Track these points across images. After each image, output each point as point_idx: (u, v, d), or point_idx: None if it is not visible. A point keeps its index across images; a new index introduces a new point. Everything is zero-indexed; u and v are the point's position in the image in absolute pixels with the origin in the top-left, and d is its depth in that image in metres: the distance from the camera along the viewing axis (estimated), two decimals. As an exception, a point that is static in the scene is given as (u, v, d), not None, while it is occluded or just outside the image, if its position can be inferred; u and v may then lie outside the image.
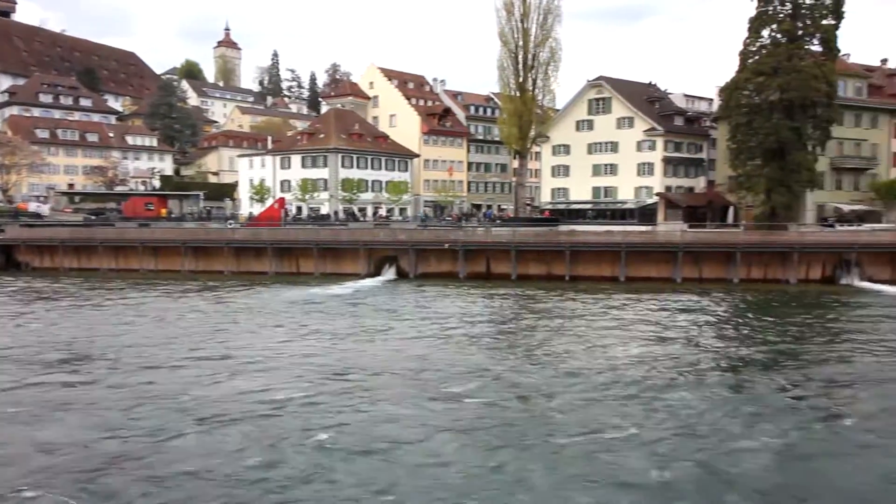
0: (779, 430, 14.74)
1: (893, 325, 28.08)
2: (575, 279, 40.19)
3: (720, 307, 32.70)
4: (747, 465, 12.84)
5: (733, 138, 53.53)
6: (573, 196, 70.22)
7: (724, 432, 14.60)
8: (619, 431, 14.52)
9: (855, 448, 13.87)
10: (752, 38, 52.78)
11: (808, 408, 16.56)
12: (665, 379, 18.92)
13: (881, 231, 46.48)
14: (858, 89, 62.82)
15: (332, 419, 15.06)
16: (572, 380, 18.72)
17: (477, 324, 27.71)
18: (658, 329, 26.51)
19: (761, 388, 18.36)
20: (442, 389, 17.59)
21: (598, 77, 69.36)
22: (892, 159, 64.28)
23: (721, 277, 40.34)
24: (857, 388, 18.47)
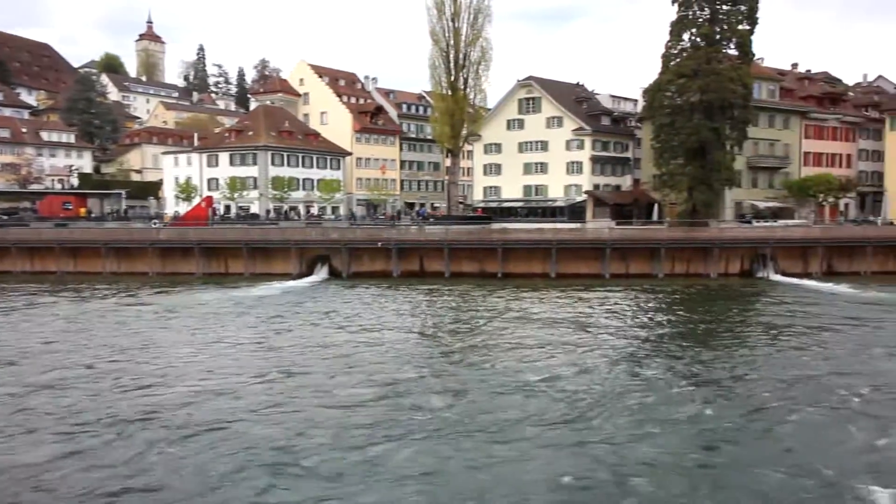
0: (680, 413, 15.51)
1: (802, 315, 29.68)
2: (507, 276, 40.72)
3: (645, 301, 33.80)
4: (647, 450, 13.36)
5: (657, 138, 55.41)
6: (505, 194, 71.13)
7: (634, 417, 15.20)
8: (528, 425, 14.85)
9: (753, 433, 14.62)
10: (674, 41, 54.74)
11: (716, 394, 17.33)
12: (588, 370, 19.44)
13: (793, 227, 49.13)
14: (772, 92, 66.06)
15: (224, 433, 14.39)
16: (494, 375, 18.96)
17: (407, 321, 27.75)
18: (585, 323, 27.20)
19: (675, 374, 19.14)
20: (352, 391, 17.39)
21: (528, 77, 70.46)
22: (803, 159, 67.94)
23: (647, 273, 41.67)
24: (765, 374, 19.48)
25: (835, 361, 21.19)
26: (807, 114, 68.00)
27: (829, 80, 77.80)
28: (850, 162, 72.21)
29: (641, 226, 53.83)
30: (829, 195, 63.53)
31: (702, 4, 53.44)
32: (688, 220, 51.24)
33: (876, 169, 73.06)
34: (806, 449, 13.54)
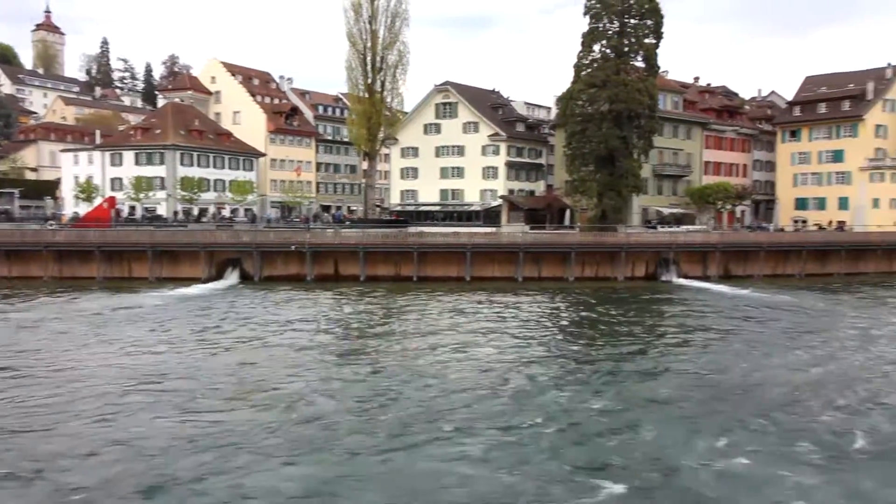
0: (581, 402, 16.04)
1: (698, 316, 31.30)
2: (423, 280, 40.88)
3: (556, 304, 34.71)
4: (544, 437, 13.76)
5: (569, 145, 57.02)
6: (422, 198, 71.33)
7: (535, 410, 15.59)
8: (434, 428, 14.99)
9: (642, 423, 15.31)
10: (585, 52, 56.51)
11: (617, 387, 18.05)
12: (497, 370, 19.81)
13: (694, 232, 51.60)
14: (676, 103, 69.31)
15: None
16: (401, 379, 19.03)
17: (318, 325, 27.33)
18: (498, 326, 27.64)
19: (577, 371, 19.83)
20: (240, 399, 17.11)
21: (445, 82, 71.01)
22: (703, 168, 71.60)
23: (558, 276, 42.84)
24: (663, 370, 20.45)
25: (723, 357, 22.58)
26: (707, 125, 71.74)
27: (727, 93, 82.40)
28: (746, 171, 76.72)
29: (554, 230, 55.20)
30: (727, 203, 67.21)
31: (611, 17, 55.43)
32: (598, 225, 52.94)
33: (769, 178, 77.94)
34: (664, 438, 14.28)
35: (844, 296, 39.85)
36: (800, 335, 26.63)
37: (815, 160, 72.32)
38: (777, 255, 48.67)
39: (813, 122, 72.67)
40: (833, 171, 70.83)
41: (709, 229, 58.15)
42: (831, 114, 71.70)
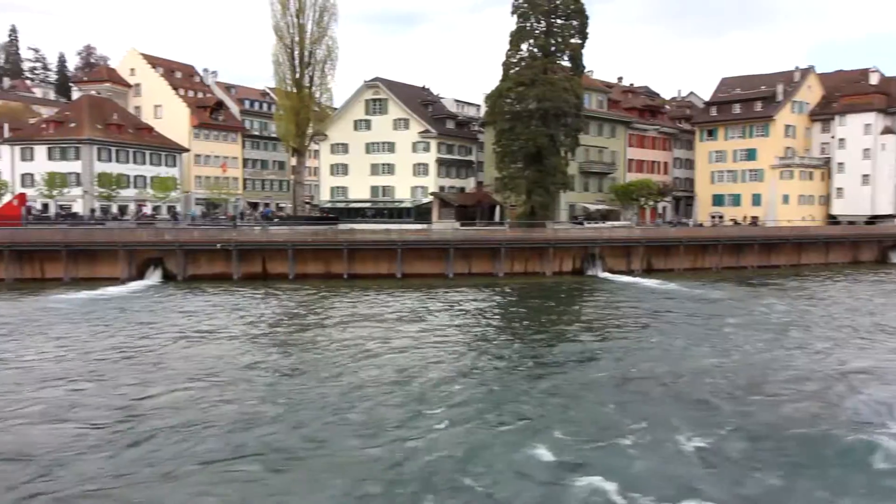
0: (505, 394, 16.40)
1: (622, 308, 32.37)
2: (354, 277, 40.60)
3: (486, 299, 35.13)
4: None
5: (498, 142, 57.69)
6: (352, 195, 70.77)
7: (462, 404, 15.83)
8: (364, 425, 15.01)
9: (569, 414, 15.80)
10: (513, 50, 57.26)
11: (542, 377, 18.50)
12: (427, 366, 19.94)
13: (618, 228, 53.27)
14: (600, 102, 71.23)
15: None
16: (327, 378, 18.92)
17: (241, 325, 26.74)
18: (429, 322, 27.79)
19: (506, 363, 20.17)
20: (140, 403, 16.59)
21: (375, 78, 70.63)
22: (627, 165, 73.90)
23: (488, 272, 43.36)
24: (586, 360, 21.08)
25: (643, 346, 23.45)
26: (630, 124, 74.07)
27: (649, 93, 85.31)
28: (667, 169, 79.66)
29: (484, 227, 55.80)
30: (650, 199, 69.61)
31: (538, 17, 56.34)
32: (526, 221, 53.83)
33: (688, 176, 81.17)
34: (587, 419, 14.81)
35: (758, 287, 41.96)
36: (714, 325, 27.87)
37: (731, 158, 75.84)
38: (696, 249, 50.78)
39: (728, 122, 76.15)
40: (747, 169, 74.46)
41: (632, 225, 60.14)
42: (745, 114, 75.31)
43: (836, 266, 55.83)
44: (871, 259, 59.80)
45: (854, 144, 71.55)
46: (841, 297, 37.77)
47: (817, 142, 75.54)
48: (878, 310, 32.91)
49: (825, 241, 58.07)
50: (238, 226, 51.19)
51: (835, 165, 73.14)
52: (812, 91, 76.17)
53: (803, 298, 37.33)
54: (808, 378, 19.25)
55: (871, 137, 70.57)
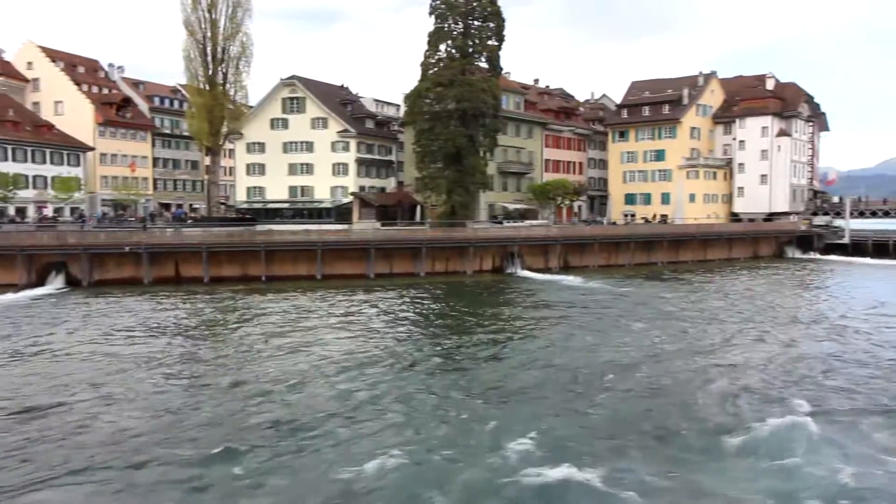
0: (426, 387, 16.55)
1: (541, 305, 33.17)
2: (272, 279, 39.79)
3: (407, 298, 35.19)
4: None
5: (418, 142, 57.84)
6: (270, 195, 69.19)
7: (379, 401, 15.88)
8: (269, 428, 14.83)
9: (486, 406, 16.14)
10: (432, 51, 57.55)
11: (465, 373, 18.78)
12: (348, 367, 19.83)
13: (536, 227, 54.47)
14: (518, 104, 72.56)
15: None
16: (243, 385, 18.55)
17: (148, 331, 25.75)
18: (349, 322, 27.59)
19: (428, 361, 20.33)
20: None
21: (292, 76, 69.33)
22: (544, 165, 75.61)
23: (409, 272, 43.45)
24: (505, 355, 21.53)
25: (549, 343, 24.15)
26: (547, 125, 75.80)
27: (564, 95, 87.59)
28: (582, 169, 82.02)
29: (405, 227, 55.80)
30: (566, 198, 71.47)
31: (456, 19, 56.85)
32: (447, 221, 54.21)
33: (602, 176, 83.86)
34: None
35: (667, 282, 43.89)
36: (623, 319, 28.97)
37: (641, 159, 78.89)
38: (610, 246, 52.61)
39: (638, 124, 79.17)
40: (656, 169, 77.63)
41: (550, 224, 61.61)
42: (654, 117, 78.49)
43: (738, 261, 59.21)
44: (769, 254, 63.74)
45: (753, 146, 75.86)
46: (740, 290, 40.07)
47: (720, 143, 79.62)
48: (775, 301, 35.13)
49: (728, 237, 61.44)
50: (148, 227, 49.12)
51: (736, 166, 77.30)
52: (715, 95, 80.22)
53: (708, 292, 39.34)
54: (697, 370, 20.35)
55: (768, 139, 75.01)
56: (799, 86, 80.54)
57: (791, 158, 75.35)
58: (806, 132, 79.86)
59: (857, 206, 74.75)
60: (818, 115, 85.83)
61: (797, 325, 28.31)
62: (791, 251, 64.77)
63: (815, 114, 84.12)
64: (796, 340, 24.85)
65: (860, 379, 19.12)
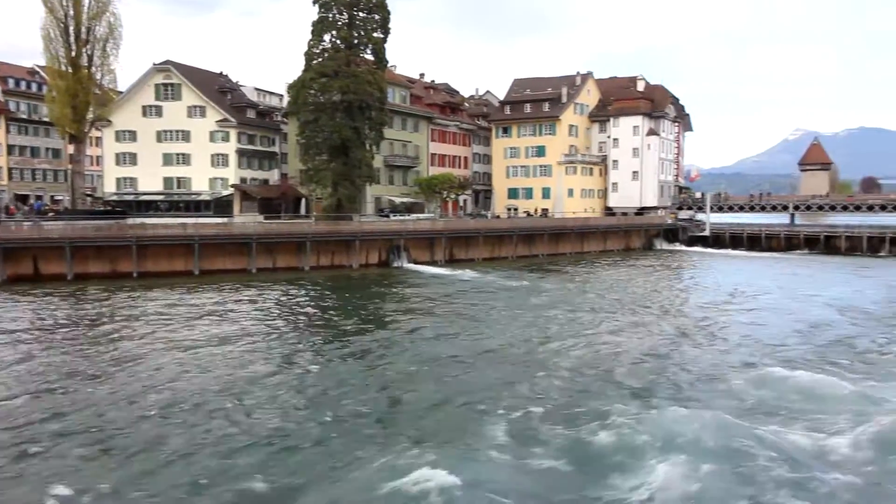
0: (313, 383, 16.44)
1: (426, 297, 33.54)
2: (144, 276, 37.69)
3: (291, 293, 34.46)
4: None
5: (302, 134, 56.66)
6: (143, 186, 65.33)
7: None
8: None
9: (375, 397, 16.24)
10: (316, 41, 56.45)
11: (348, 367, 18.75)
12: (225, 365, 19.22)
13: (422, 220, 54.87)
14: (404, 97, 72.69)
15: None
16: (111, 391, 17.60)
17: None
18: (226, 320, 26.66)
19: (309, 357, 20.10)
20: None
21: (166, 61, 65.74)
22: (430, 159, 76.27)
23: (294, 266, 42.56)
24: (391, 349, 21.68)
25: (441, 330, 24.57)
26: (432, 119, 76.48)
27: (449, 90, 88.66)
28: (467, 163, 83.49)
29: (289, 220, 54.55)
30: (452, 192, 72.53)
31: (340, 9, 56.05)
32: (333, 214, 53.54)
33: (486, 170, 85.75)
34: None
35: (547, 273, 45.63)
36: (508, 309, 29.91)
37: (523, 155, 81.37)
38: (493, 239, 53.95)
39: (520, 121, 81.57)
40: (537, 165, 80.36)
41: (436, 217, 62.27)
42: (535, 114, 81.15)
43: (612, 252, 62.55)
44: (640, 246, 67.76)
45: (625, 144, 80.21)
46: (612, 280, 42.40)
47: (596, 141, 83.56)
48: (641, 290, 37.47)
49: (603, 230, 64.74)
50: (2, 221, 45.01)
51: (610, 162, 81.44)
52: (591, 94, 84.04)
53: (585, 282, 41.29)
54: (567, 359, 21.43)
55: (639, 138, 79.59)
56: (666, 88, 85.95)
57: (659, 156, 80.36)
58: (672, 132, 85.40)
59: (717, 202, 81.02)
60: (683, 116, 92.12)
61: (657, 310, 30.31)
62: (659, 243, 69.16)
63: (681, 115, 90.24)
64: (655, 324, 26.59)
65: (711, 366, 20.78)
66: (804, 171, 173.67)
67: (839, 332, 25.04)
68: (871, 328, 26.10)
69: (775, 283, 39.75)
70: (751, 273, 46.66)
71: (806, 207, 79.18)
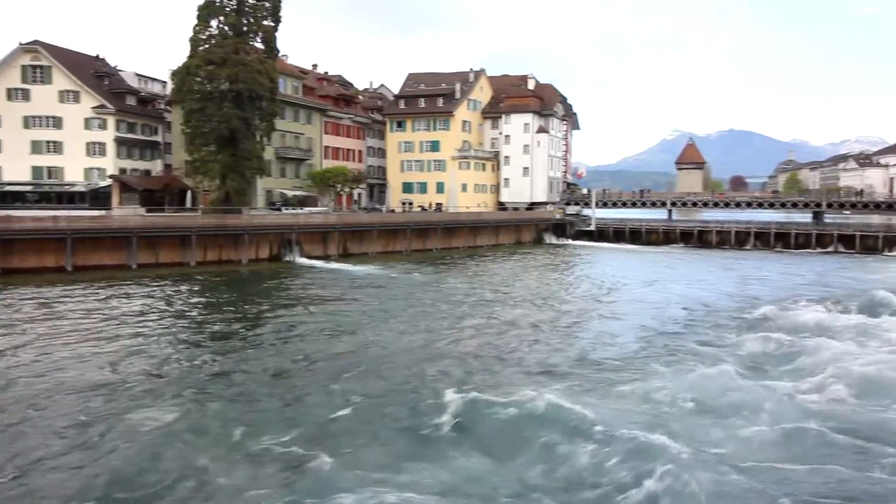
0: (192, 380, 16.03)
1: (319, 293, 33.22)
2: (10, 273, 34.96)
3: (175, 290, 33.09)
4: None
5: (187, 123, 54.23)
6: (8, 176, 60.28)
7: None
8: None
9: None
10: (202, 26, 54.14)
11: (236, 367, 18.34)
12: (104, 369, 18.30)
13: (316, 214, 54.14)
14: (296, 88, 71.15)
15: None
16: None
17: None
18: (102, 319, 25.26)
19: (194, 358, 19.50)
20: None
21: (34, 41, 60.96)
22: (323, 152, 75.16)
23: (178, 261, 40.82)
24: (282, 346, 21.37)
25: (335, 326, 24.48)
26: (326, 111, 75.34)
27: (343, 83, 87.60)
28: (361, 157, 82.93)
29: (174, 213, 52.19)
30: (346, 186, 71.81)
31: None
32: (221, 207, 51.69)
33: (381, 164, 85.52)
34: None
35: (440, 267, 46.27)
36: (400, 303, 30.16)
37: (418, 149, 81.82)
38: (388, 233, 54.03)
39: (415, 116, 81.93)
40: (432, 160, 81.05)
41: (329, 211, 61.56)
42: (429, 109, 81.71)
43: (504, 246, 64.28)
44: (530, 240, 70.01)
45: (517, 140, 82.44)
46: (501, 274, 43.67)
47: (489, 137, 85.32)
48: (528, 281, 38.84)
49: (495, 225, 66.38)
50: None
51: (503, 158, 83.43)
52: (484, 91, 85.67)
53: (474, 277, 42.24)
54: (447, 351, 22.00)
55: (530, 135, 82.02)
56: (555, 87, 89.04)
57: (549, 153, 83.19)
58: (561, 130, 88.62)
59: (602, 198, 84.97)
60: (570, 115, 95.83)
61: (533, 305, 31.51)
62: (548, 237, 71.72)
63: (569, 113, 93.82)
64: (523, 319, 27.62)
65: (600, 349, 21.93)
66: (680, 169, 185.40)
67: (673, 329, 25.18)
68: (698, 325, 26.11)
69: (644, 277, 41.54)
70: (629, 267, 49.31)
71: (682, 204, 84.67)
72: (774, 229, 65.68)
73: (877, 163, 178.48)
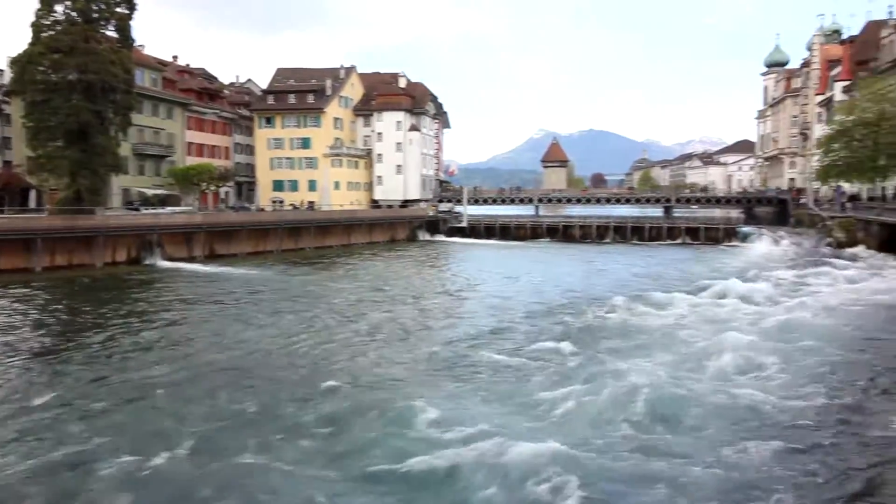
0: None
1: (183, 297, 31.73)
2: None
3: (18, 300, 30.37)
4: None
5: (30, 116, 49.78)
6: None
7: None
8: None
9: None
10: (45, 10, 49.83)
11: (92, 381, 17.25)
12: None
13: (178, 214, 51.56)
14: (154, 80, 67.27)
15: None
16: None
17: None
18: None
19: (48, 377, 18.13)
20: None
21: None
22: (186, 148, 71.64)
23: (22, 267, 37.57)
24: (147, 354, 20.30)
25: (201, 334, 23.54)
26: (188, 106, 71.83)
27: (206, 76, 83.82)
28: (228, 154, 79.88)
29: (15, 214, 47.79)
30: (211, 184, 68.86)
31: (75, -24, 50.13)
32: (71, 207, 47.87)
33: (249, 161, 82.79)
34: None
35: (313, 267, 45.60)
36: (272, 307, 29.42)
37: (288, 146, 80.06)
38: (258, 233, 52.48)
39: (284, 112, 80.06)
40: (303, 157, 79.62)
41: (193, 210, 58.81)
42: (299, 105, 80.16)
43: (378, 244, 64.37)
44: (404, 238, 70.55)
45: (389, 138, 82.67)
46: (378, 271, 43.82)
47: (361, 134, 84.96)
48: (403, 278, 39.25)
49: (369, 223, 66.28)
50: None
51: (375, 156, 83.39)
52: (355, 88, 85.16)
53: (346, 276, 42.04)
54: (319, 355, 21.96)
55: (402, 133, 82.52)
56: (426, 86, 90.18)
57: (421, 151, 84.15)
58: (433, 128, 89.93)
59: (473, 195, 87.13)
60: (442, 113, 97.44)
61: (416, 297, 32.02)
62: (422, 234, 72.57)
63: (440, 112, 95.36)
64: (418, 310, 28.11)
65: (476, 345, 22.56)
66: (546, 167, 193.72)
67: (516, 323, 25.12)
68: (537, 320, 25.99)
69: (507, 272, 42.31)
70: (497, 261, 50.77)
71: (548, 200, 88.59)
72: (631, 224, 70.41)
73: (717, 161, 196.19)
